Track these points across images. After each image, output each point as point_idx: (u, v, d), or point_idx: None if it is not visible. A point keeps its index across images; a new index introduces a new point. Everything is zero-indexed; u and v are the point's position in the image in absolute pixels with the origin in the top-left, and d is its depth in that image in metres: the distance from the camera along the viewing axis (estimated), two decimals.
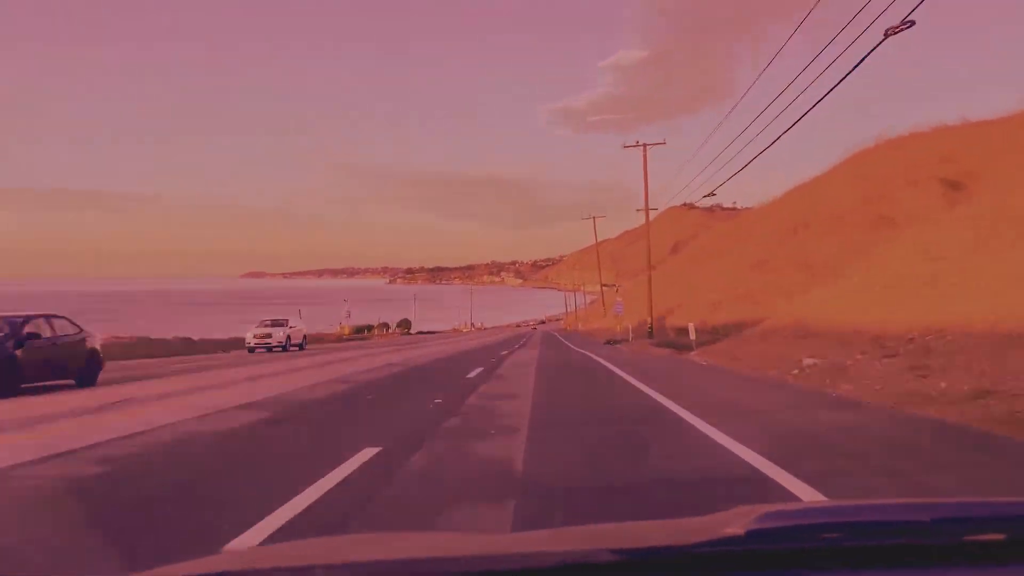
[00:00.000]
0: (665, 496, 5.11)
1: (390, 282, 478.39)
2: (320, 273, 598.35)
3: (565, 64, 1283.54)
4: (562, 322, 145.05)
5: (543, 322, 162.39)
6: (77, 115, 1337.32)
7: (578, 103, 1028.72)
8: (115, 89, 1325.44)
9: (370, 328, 74.46)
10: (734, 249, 46.96)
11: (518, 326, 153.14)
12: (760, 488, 5.18)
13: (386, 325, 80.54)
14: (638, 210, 37.84)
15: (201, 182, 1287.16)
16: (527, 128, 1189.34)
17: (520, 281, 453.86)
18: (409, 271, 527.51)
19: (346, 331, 57.39)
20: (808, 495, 4.85)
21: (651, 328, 36.48)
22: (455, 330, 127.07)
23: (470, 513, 4.73)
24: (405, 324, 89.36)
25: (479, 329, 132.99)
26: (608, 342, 38.67)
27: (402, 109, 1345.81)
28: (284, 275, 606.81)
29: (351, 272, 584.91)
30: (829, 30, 12.52)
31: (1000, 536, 1.35)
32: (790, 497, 4.86)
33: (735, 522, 1.38)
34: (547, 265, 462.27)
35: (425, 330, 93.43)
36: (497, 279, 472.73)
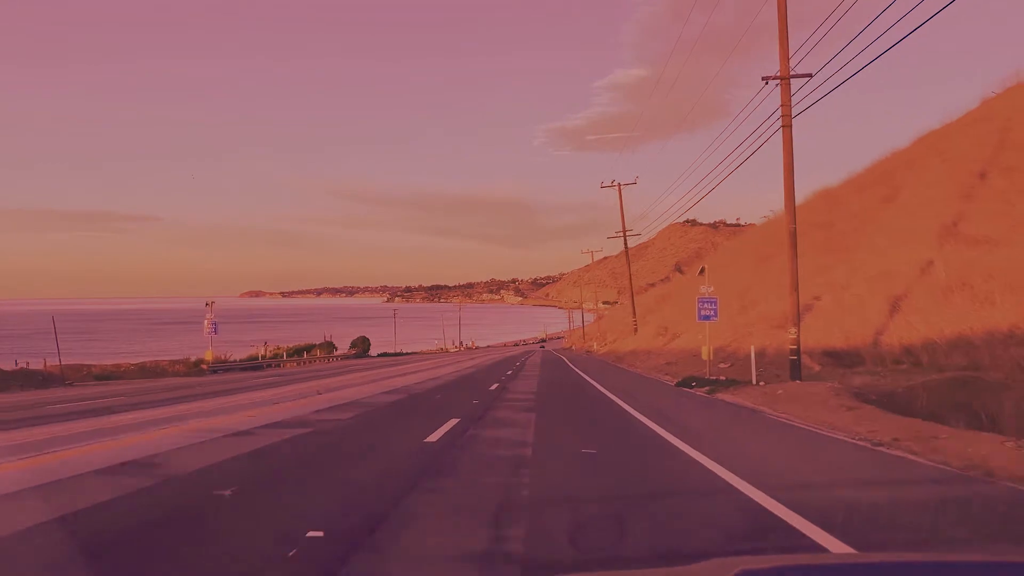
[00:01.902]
0: None
1: (388, 300, 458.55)
2: (319, 292, 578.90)
3: (562, 84, 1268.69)
4: (564, 340, 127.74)
5: (544, 341, 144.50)
6: (80, 136, 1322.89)
7: (576, 122, 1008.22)
8: (117, 111, 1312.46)
9: (307, 350, 54.06)
10: (873, 212, 26.66)
11: (516, 344, 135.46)
12: None
13: (331, 346, 59.79)
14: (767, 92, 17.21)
15: (201, 204, 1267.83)
16: (526, 148, 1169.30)
17: (520, 299, 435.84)
18: (408, 289, 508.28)
19: (209, 357, 36.85)
20: None
21: (797, 354, 15.80)
22: (442, 350, 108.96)
23: None
24: (361, 344, 68.51)
25: (470, 349, 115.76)
26: (693, 383, 18.30)
27: (401, 130, 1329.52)
28: (283, 294, 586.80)
29: (350, 291, 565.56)
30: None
31: None
32: None
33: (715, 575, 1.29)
34: (547, 283, 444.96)
35: (393, 352, 73.34)
36: (496, 297, 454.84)
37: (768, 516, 4.87)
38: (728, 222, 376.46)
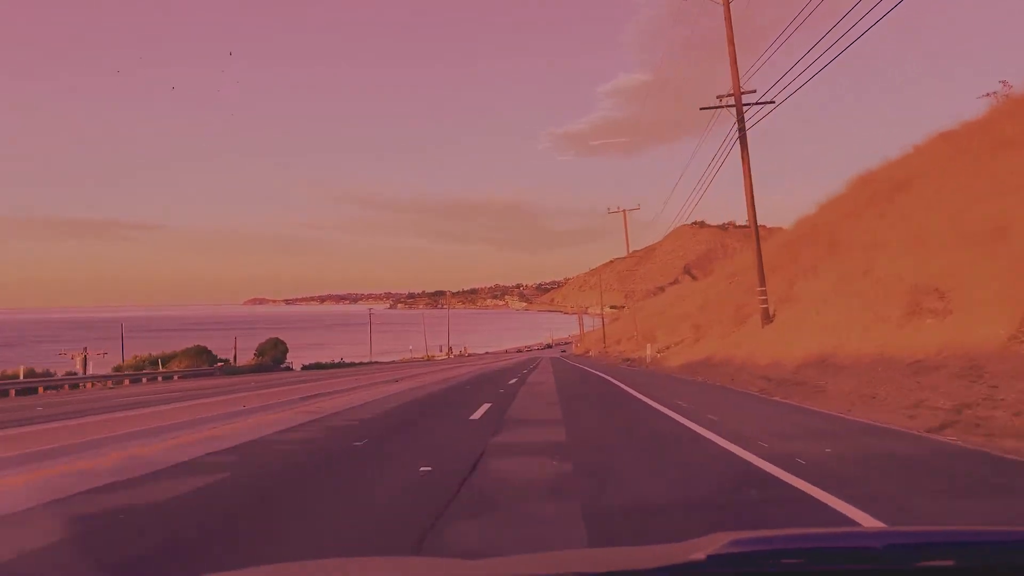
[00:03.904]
0: None
1: (391, 307, 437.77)
2: (323, 299, 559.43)
3: (565, 89, 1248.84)
4: (575, 346, 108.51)
5: (553, 345, 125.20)
6: (85, 144, 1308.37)
7: (579, 127, 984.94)
8: (122, 118, 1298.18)
9: (166, 361, 32.59)
10: None
11: (519, 351, 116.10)
12: None
13: (211, 356, 37.76)
14: None
15: (206, 211, 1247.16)
16: (529, 152, 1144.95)
17: (524, 304, 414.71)
18: (411, 295, 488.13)
19: None
20: None
21: None
22: (429, 357, 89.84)
23: None
24: (272, 350, 45.72)
25: (462, 356, 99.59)
26: None
27: (405, 135, 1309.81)
28: (286, 301, 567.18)
29: (353, 298, 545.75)
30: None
31: (950, 563, 1.31)
32: None
33: (703, 548, 1.34)
34: (552, 288, 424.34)
35: (329, 363, 51.13)
36: (501, 302, 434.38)
37: None
38: (738, 223, 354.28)
